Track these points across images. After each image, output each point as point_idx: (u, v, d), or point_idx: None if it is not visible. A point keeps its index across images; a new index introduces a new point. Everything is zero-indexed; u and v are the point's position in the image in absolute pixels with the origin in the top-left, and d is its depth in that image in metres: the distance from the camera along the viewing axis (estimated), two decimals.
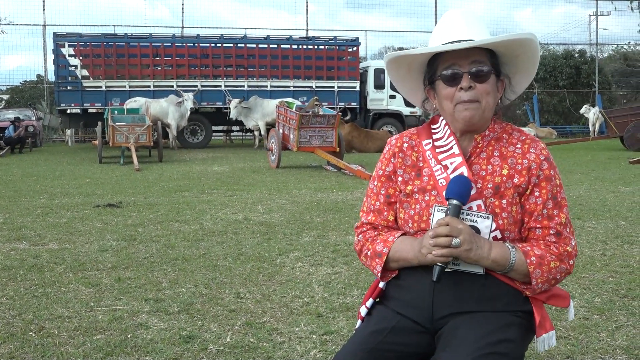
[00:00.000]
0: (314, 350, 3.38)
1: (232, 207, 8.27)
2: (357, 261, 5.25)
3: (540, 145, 2.04)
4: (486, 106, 2.00)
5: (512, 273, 1.94)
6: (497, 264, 1.91)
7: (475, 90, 1.97)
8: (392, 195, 2.13)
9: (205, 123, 23.45)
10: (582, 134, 30.51)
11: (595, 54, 34.76)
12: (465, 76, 1.98)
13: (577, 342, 3.47)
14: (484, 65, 1.99)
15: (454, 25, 2.03)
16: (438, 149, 2.08)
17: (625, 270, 4.93)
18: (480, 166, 2.03)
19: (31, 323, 3.80)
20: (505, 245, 1.94)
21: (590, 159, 16.67)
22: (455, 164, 2.02)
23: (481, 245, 1.89)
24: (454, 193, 1.92)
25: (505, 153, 2.03)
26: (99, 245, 5.94)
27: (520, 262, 1.92)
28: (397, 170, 2.12)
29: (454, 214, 1.90)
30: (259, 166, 15.05)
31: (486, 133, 2.06)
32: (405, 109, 24.24)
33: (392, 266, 2.06)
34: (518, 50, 2.04)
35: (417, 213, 2.04)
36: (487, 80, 1.99)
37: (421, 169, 2.09)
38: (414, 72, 2.16)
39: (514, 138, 2.07)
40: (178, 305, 4.11)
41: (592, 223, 6.94)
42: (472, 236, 1.88)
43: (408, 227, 2.06)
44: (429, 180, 2.05)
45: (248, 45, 24.33)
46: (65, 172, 13.85)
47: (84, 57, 23.20)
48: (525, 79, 2.13)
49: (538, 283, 1.94)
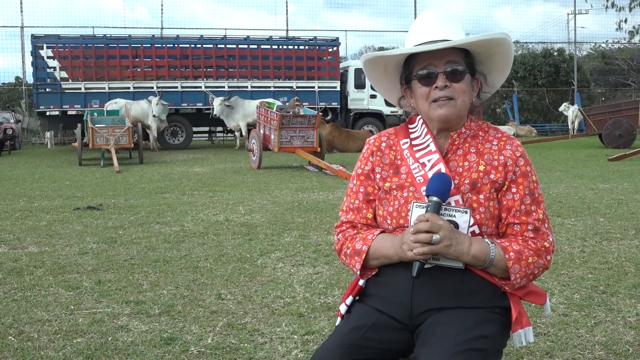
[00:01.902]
0: (296, 350, 3.39)
1: (213, 208, 8.25)
2: (338, 261, 5.25)
3: (515, 142, 2.08)
4: (461, 105, 2.03)
5: (492, 268, 1.97)
6: (476, 260, 1.94)
7: (450, 89, 2.01)
8: (370, 194, 2.15)
9: (185, 124, 23.34)
10: (561, 131, 30.75)
11: (573, 53, 35.00)
12: (440, 76, 2.01)
13: (557, 338, 3.50)
14: (459, 64, 2.02)
15: (429, 26, 2.06)
16: (415, 147, 2.11)
17: (604, 266, 4.98)
18: (457, 163, 2.06)
19: (10, 327, 3.77)
20: (485, 241, 1.96)
21: (569, 157, 16.81)
22: (432, 161, 2.05)
23: (461, 241, 1.92)
24: (434, 190, 1.94)
25: (482, 150, 2.06)
26: (79, 248, 5.90)
27: (500, 257, 1.95)
28: (376, 168, 2.14)
29: (434, 211, 1.92)
30: (240, 167, 15.02)
31: (462, 130, 2.09)
32: (386, 108, 24.29)
33: (371, 264, 2.07)
34: (493, 50, 2.07)
35: (396, 209, 2.06)
36: (462, 79, 2.02)
37: (399, 167, 2.11)
38: (390, 72, 2.18)
39: (490, 135, 2.10)
40: (159, 307, 4.10)
41: (571, 220, 6.99)
42: (452, 232, 1.90)
43: (387, 224, 2.08)
44: (406, 178, 2.08)
45: (228, 46, 24.26)
46: (45, 174, 13.74)
47: (63, 58, 23.01)
48: (501, 76, 2.17)
49: (517, 278, 1.97)
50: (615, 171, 12.53)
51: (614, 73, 39.21)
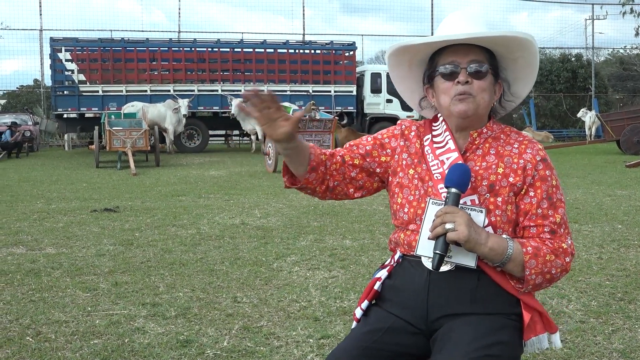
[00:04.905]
0: (311, 354, 3.39)
1: (229, 212, 8.27)
2: (354, 265, 5.26)
3: (537, 147, 2.06)
4: (481, 101, 2.02)
5: (510, 264, 1.93)
6: (494, 252, 1.90)
7: (471, 85, 2.00)
8: (370, 155, 2.17)
9: (202, 127, 23.42)
10: (578, 137, 30.56)
11: (591, 58, 34.81)
12: (463, 72, 2.01)
13: (574, 345, 3.48)
14: (483, 64, 2.02)
15: (456, 23, 2.07)
16: (436, 144, 2.11)
17: (621, 273, 4.95)
18: (475, 162, 2.04)
19: (28, 328, 3.80)
20: (502, 236, 1.94)
21: (586, 163, 16.70)
22: (451, 159, 2.04)
23: (478, 231, 1.89)
24: (452, 181, 1.93)
25: (502, 152, 2.05)
26: (96, 249, 5.94)
27: (518, 251, 1.92)
28: (403, 154, 2.15)
29: (452, 203, 1.91)
30: (256, 170, 15.04)
31: (483, 130, 2.08)
32: (402, 113, 24.22)
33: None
34: (516, 53, 2.06)
35: (416, 199, 2.06)
36: (484, 78, 2.02)
37: (423, 157, 2.11)
38: (414, 69, 2.19)
39: (511, 139, 2.09)
40: (175, 309, 4.12)
41: (588, 226, 6.95)
42: (470, 221, 1.88)
43: (403, 212, 2.08)
44: (427, 171, 2.08)
45: (245, 50, 24.33)
46: (62, 176, 13.83)
47: (81, 61, 23.15)
48: (526, 85, 2.15)
49: (532, 274, 1.93)
50: (633, 178, 12.43)
51: (632, 79, 38.93)
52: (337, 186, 2.17)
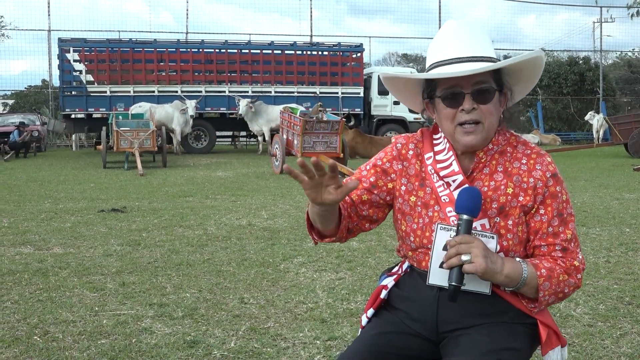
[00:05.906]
0: (318, 355, 3.39)
1: (236, 213, 8.28)
2: (361, 267, 5.25)
3: (546, 161, 1.96)
4: (489, 127, 1.91)
5: (524, 288, 1.88)
6: (510, 279, 1.84)
7: (478, 112, 1.88)
8: (377, 187, 2.06)
9: (209, 128, 23.47)
10: (586, 140, 30.48)
11: (599, 61, 34.72)
12: (467, 97, 1.87)
13: (582, 349, 3.47)
14: (488, 84, 1.88)
15: (455, 40, 1.91)
16: (439, 163, 2.00)
17: (629, 277, 4.93)
18: (482, 182, 1.95)
19: (36, 327, 3.80)
20: (517, 260, 1.88)
21: (594, 166, 16.65)
22: (457, 182, 1.94)
23: (494, 260, 1.82)
24: (464, 208, 1.84)
25: (510, 169, 1.95)
26: (104, 249, 5.95)
27: (532, 275, 1.86)
28: (401, 180, 2.05)
29: (465, 231, 1.83)
30: (263, 172, 15.06)
31: (489, 147, 1.97)
32: (409, 115, 24.25)
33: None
34: (523, 65, 1.95)
35: (420, 228, 1.99)
36: (490, 100, 1.89)
37: (424, 179, 2.01)
38: (410, 87, 2.09)
39: (518, 152, 1.98)
40: (182, 310, 4.12)
41: (596, 230, 6.93)
42: (485, 250, 1.81)
43: (409, 241, 2.02)
44: (431, 195, 1.99)
45: (252, 51, 24.42)
46: (70, 176, 13.87)
47: (89, 62, 23.24)
48: (528, 87, 2.05)
49: (545, 295, 1.89)
50: None
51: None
52: (355, 226, 2.12)
